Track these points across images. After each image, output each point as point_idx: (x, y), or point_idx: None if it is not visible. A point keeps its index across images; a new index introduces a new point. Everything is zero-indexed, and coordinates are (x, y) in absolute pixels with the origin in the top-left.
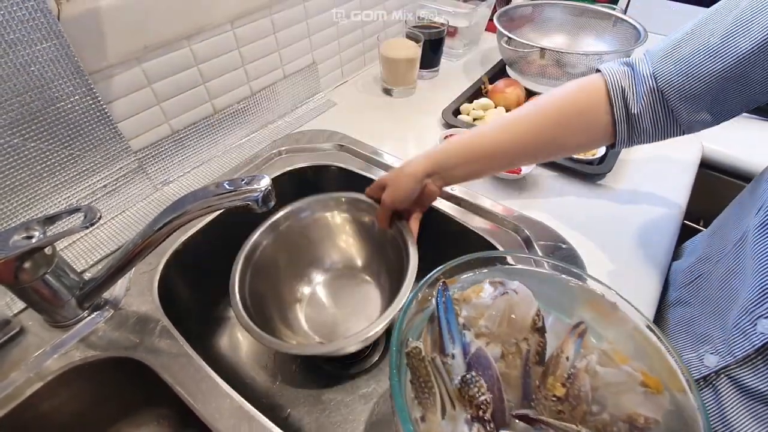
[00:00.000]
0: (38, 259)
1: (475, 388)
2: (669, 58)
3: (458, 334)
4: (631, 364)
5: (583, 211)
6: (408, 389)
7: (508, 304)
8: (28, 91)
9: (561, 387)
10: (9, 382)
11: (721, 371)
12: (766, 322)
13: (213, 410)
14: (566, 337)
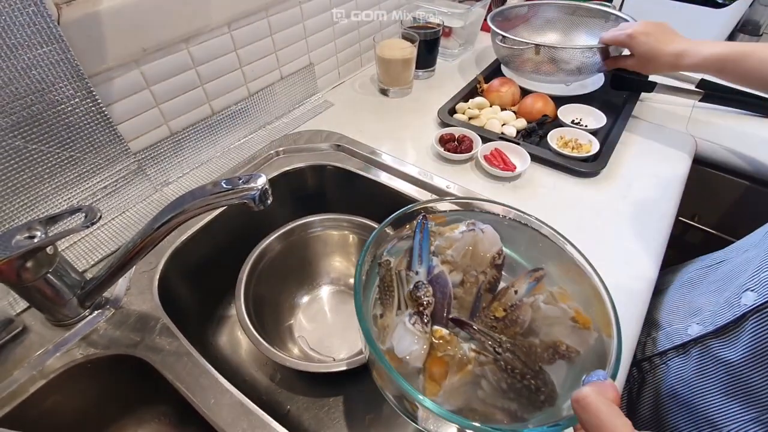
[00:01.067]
0: (40, 259)
1: (422, 291)
2: None
3: (427, 258)
4: (568, 303)
5: (577, 208)
6: (374, 292)
7: (474, 239)
8: (29, 95)
9: (502, 311)
10: (12, 380)
11: (699, 339)
12: (751, 295)
13: (213, 406)
14: (521, 276)
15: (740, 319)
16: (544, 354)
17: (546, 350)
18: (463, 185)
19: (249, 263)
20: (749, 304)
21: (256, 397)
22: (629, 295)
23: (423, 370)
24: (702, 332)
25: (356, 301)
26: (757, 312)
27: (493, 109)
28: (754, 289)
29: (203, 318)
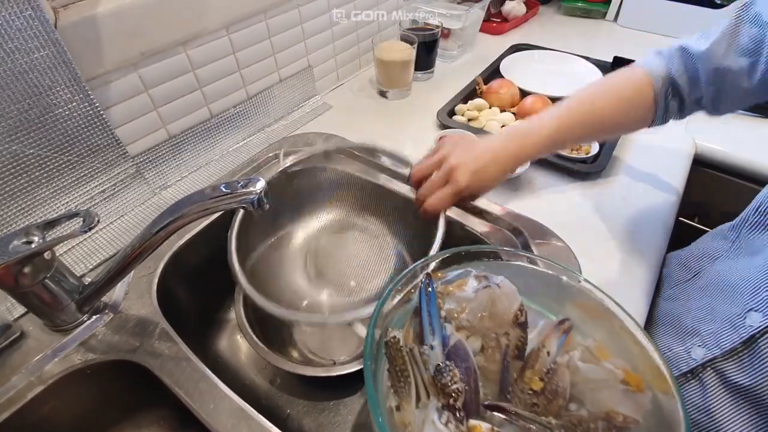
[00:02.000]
0: (38, 264)
1: (448, 377)
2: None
3: (439, 327)
4: (612, 361)
5: (577, 209)
6: (385, 378)
7: (490, 298)
8: (26, 99)
9: (539, 381)
10: (10, 386)
11: (707, 364)
12: (756, 315)
13: (212, 411)
14: (549, 333)
15: (749, 340)
16: (599, 429)
17: (595, 422)
18: None
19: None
20: (755, 325)
21: (255, 402)
22: (629, 298)
23: None
24: (709, 356)
25: (370, 399)
26: (765, 334)
27: (493, 111)
28: (759, 309)
29: (203, 322)
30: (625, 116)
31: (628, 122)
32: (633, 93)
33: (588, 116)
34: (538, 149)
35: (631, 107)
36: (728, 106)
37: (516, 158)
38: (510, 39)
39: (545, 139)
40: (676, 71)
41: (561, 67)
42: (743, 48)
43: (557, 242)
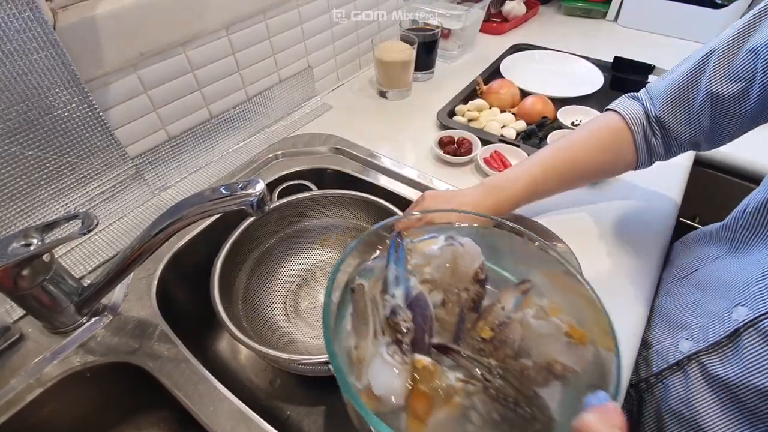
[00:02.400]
0: (37, 266)
1: (401, 317)
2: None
3: (404, 278)
4: (560, 317)
5: (576, 210)
6: (348, 322)
7: (454, 255)
8: (25, 100)
9: (489, 330)
10: (9, 389)
11: (693, 357)
12: (742, 310)
13: (211, 413)
14: (507, 290)
15: (733, 334)
16: (538, 376)
17: (539, 372)
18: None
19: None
20: (740, 319)
21: (255, 403)
22: (629, 298)
23: (405, 407)
24: (695, 349)
25: (325, 335)
26: (750, 327)
27: (493, 111)
28: (745, 304)
29: (202, 323)
30: (605, 162)
31: (609, 168)
32: (611, 138)
33: (566, 165)
34: (514, 203)
35: (611, 153)
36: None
37: (494, 207)
38: (510, 39)
39: (521, 191)
40: (660, 110)
41: (561, 67)
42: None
43: (558, 243)
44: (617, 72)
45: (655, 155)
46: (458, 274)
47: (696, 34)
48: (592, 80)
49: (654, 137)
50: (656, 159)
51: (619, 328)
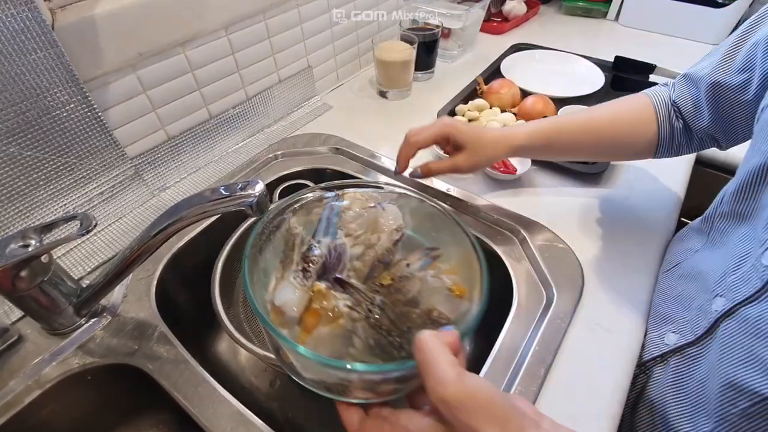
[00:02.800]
0: (35, 268)
1: (312, 252)
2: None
3: (333, 230)
4: (450, 276)
5: (579, 210)
6: (277, 258)
7: (376, 215)
8: (23, 101)
9: (389, 279)
10: (8, 390)
11: (677, 350)
12: (720, 300)
13: (211, 416)
14: (417, 252)
15: (713, 326)
16: (418, 319)
17: (420, 316)
18: (463, 188)
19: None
20: (719, 309)
21: (255, 404)
22: (630, 299)
23: (299, 321)
24: (681, 342)
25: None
26: (727, 317)
27: (493, 111)
28: (723, 294)
29: (202, 324)
30: (624, 133)
31: (628, 140)
32: (634, 110)
33: (585, 122)
34: (528, 135)
35: (631, 124)
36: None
37: (506, 138)
38: (510, 39)
39: (539, 131)
40: (677, 95)
41: (562, 66)
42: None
43: (558, 243)
44: (618, 72)
45: (677, 140)
46: (377, 231)
47: (697, 33)
48: (593, 80)
49: (677, 119)
50: (678, 148)
51: (619, 328)
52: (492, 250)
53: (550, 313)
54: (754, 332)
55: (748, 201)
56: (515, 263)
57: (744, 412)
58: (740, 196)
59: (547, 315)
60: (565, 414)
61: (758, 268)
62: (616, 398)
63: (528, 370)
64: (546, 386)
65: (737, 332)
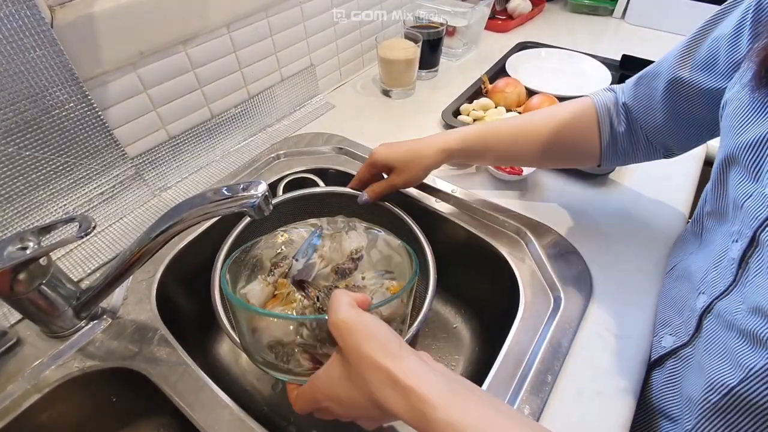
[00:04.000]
0: (33, 270)
1: (278, 259)
2: (635, 89)
3: (311, 251)
4: (395, 286)
5: (585, 211)
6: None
7: (341, 239)
8: (22, 100)
9: (343, 285)
10: (6, 395)
11: (672, 352)
12: (702, 297)
13: (212, 422)
14: (373, 271)
15: (699, 323)
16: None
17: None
18: (467, 189)
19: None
20: (700, 306)
21: (257, 409)
22: (639, 303)
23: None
24: (678, 343)
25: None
26: (708, 313)
27: (498, 111)
28: (705, 291)
29: (203, 327)
30: (565, 137)
31: (570, 143)
32: (575, 114)
33: (521, 128)
34: (462, 138)
35: (572, 124)
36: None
37: (439, 143)
38: (516, 37)
39: (473, 132)
40: (629, 97)
41: (568, 65)
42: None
43: (565, 246)
44: (625, 70)
45: (621, 146)
46: (341, 253)
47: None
48: (600, 79)
49: (619, 124)
50: (625, 156)
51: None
52: (496, 251)
53: (558, 317)
54: (725, 325)
55: (721, 197)
56: (521, 265)
57: (715, 406)
58: (715, 194)
59: (555, 319)
60: (574, 422)
61: (730, 262)
62: (627, 404)
63: (536, 377)
64: (554, 393)
65: (715, 327)
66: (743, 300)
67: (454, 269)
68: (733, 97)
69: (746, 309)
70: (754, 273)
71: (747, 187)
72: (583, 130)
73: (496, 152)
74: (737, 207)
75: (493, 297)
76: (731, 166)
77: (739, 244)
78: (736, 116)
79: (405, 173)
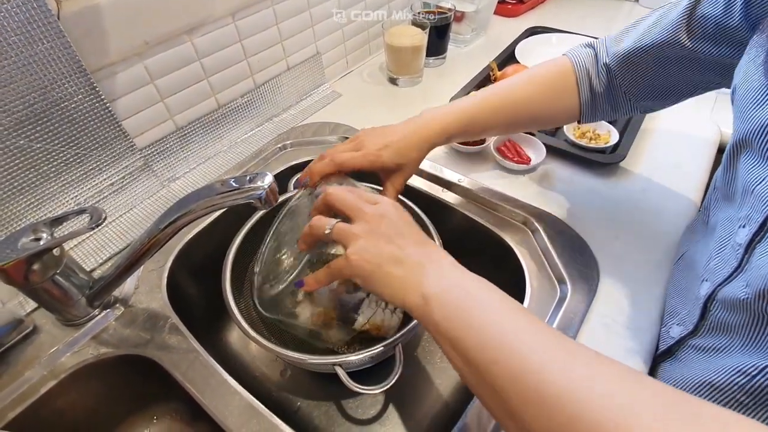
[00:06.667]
0: (47, 261)
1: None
2: (618, 42)
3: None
4: None
5: (594, 200)
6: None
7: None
8: (31, 92)
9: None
10: (24, 380)
11: (681, 341)
12: (705, 285)
13: (222, 407)
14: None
15: (704, 311)
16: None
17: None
18: (475, 179)
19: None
20: (704, 294)
21: (266, 394)
22: (646, 293)
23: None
24: (684, 333)
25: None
26: (713, 300)
27: None
28: (707, 278)
29: (213, 314)
30: (544, 102)
31: (548, 109)
32: (554, 77)
33: (501, 99)
34: (445, 137)
35: (551, 92)
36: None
37: (425, 128)
38: (526, 22)
39: (452, 124)
40: (610, 57)
41: None
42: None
43: (572, 235)
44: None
45: (599, 106)
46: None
47: None
48: None
49: (599, 83)
50: (600, 112)
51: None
52: (503, 241)
53: (564, 307)
54: (732, 309)
55: (730, 182)
56: (527, 255)
57: (742, 389)
58: (725, 178)
59: (561, 310)
60: None
61: (735, 247)
62: None
63: None
64: None
65: (723, 313)
66: (747, 283)
67: (460, 258)
68: (743, 80)
69: (752, 293)
70: (758, 256)
71: (759, 171)
72: (561, 93)
73: (478, 133)
74: (747, 192)
75: (499, 286)
76: (743, 149)
77: (747, 229)
78: (748, 99)
79: (407, 172)
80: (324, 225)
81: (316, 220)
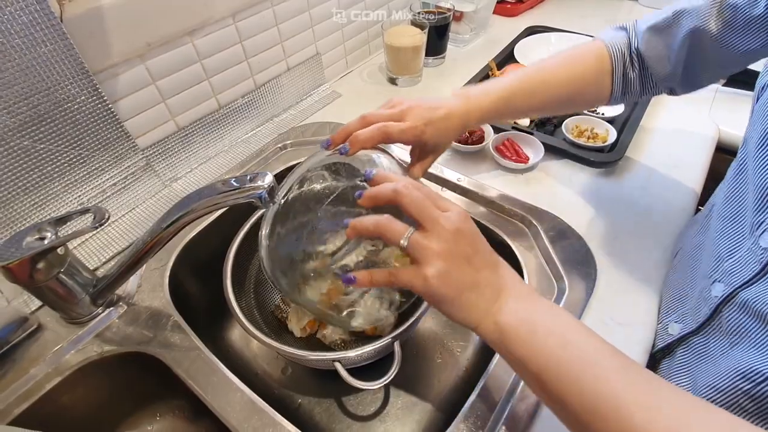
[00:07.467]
0: (51, 260)
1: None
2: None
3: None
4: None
5: (592, 199)
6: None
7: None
8: (35, 94)
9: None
10: (29, 378)
11: (681, 339)
12: (719, 286)
13: (225, 404)
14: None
15: (714, 312)
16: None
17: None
18: (473, 177)
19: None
20: (719, 295)
21: (267, 391)
22: (644, 291)
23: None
24: (685, 331)
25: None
26: (728, 302)
27: None
28: (721, 279)
29: (215, 312)
30: (580, 83)
31: (583, 92)
32: (589, 60)
33: (536, 83)
34: (480, 117)
35: (586, 74)
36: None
37: (466, 114)
38: (525, 21)
39: (490, 105)
40: (641, 42)
41: None
42: None
43: (570, 234)
44: None
45: (629, 89)
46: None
47: None
48: None
49: (632, 69)
50: (629, 95)
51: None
52: (502, 240)
53: (562, 305)
54: (755, 314)
55: (744, 183)
56: (526, 254)
57: (747, 394)
58: (738, 179)
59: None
60: None
61: (756, 251)
62: None
63: None
64: None
65: (739, 317)
66: None
67: None
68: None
69: None
70: None
71: None
72: (595, 77)
73: (509, 116)
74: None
75: None
76: (764, 150)
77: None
78: None
79: (439, 153)
80: (401, 233)
81: (387, 222)
